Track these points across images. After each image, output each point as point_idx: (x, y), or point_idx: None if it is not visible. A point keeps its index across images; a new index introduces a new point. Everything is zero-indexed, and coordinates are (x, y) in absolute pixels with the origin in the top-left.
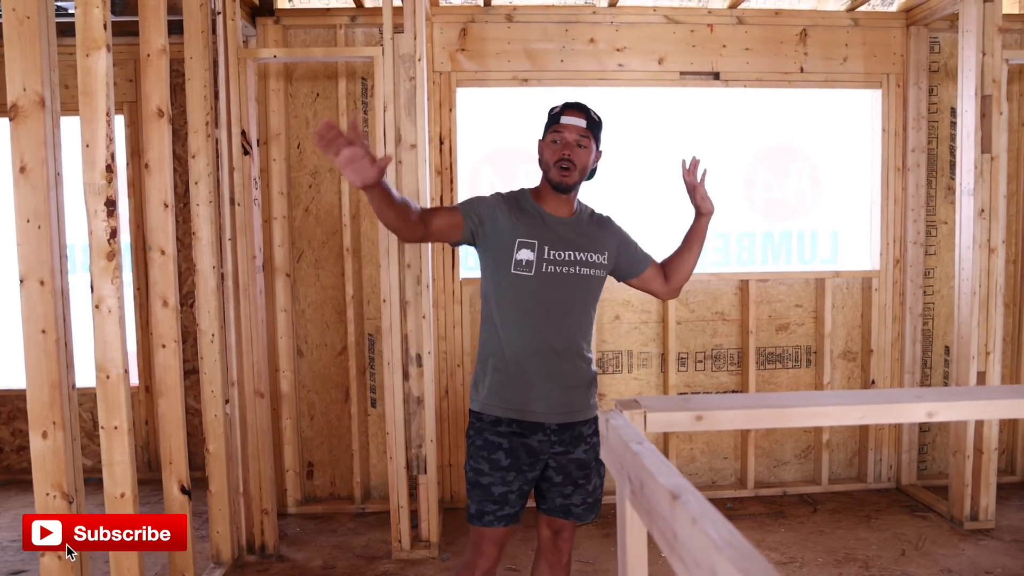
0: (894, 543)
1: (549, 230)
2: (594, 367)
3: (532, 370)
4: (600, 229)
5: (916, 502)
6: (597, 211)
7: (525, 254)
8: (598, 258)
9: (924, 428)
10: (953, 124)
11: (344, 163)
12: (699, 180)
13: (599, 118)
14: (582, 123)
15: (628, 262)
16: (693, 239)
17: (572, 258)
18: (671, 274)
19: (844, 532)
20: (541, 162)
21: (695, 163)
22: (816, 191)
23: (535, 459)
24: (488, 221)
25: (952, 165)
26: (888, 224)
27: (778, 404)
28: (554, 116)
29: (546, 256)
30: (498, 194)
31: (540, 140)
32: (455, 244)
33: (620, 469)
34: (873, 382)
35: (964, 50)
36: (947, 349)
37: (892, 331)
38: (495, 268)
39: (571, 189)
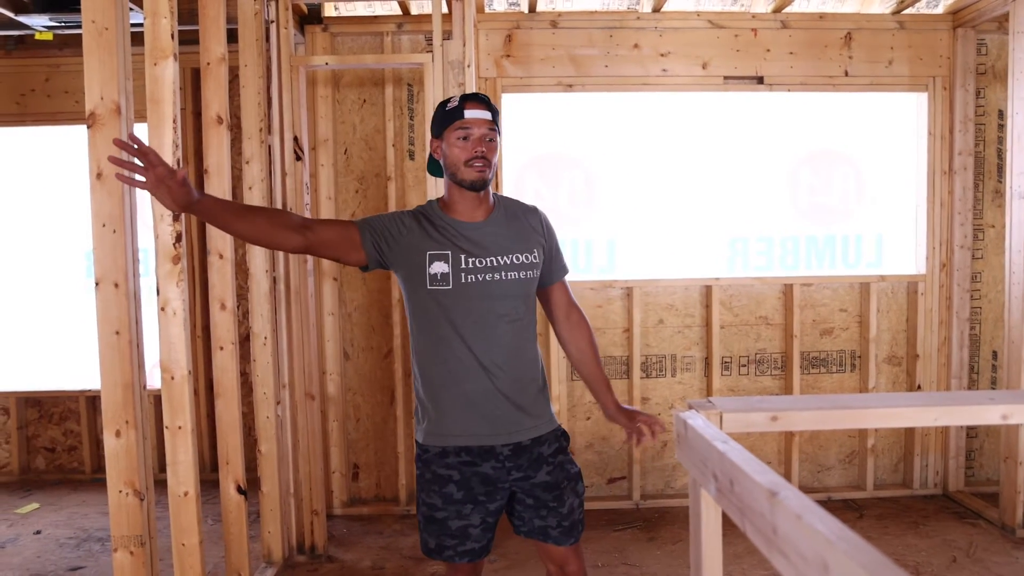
0: (944, 550)
1: (463, 238)
2: (542, 375)
3: (470, 391)
4: (527, 224)
5: (965, 509)
6: (524, 203)
7: (439, 267)
8: (527, 257)
9: (971, 434)
10: (1001, 127)
11: (154, 186)
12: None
13: (496, 109)
14: (487, 115)
15: (546, 268)
16: (592, 390)
17: (494, 263)
18: (565, 341)
19: (892, 538)
20: (446, 164)
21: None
22: (861, 195)
23: (492, 488)
24: (390, 236)
25: (1000, 168)
26: (934, 228)
27: (853, 405)
28: (454, 111)
29: (463, 265)
30: (404, 210)
31: (436, 139)
32: (364, 268)
33: (703, 467)
34: (919, 387)
35: (1015, 51)
36: (995, 354)
37: (938, 336)
38: (411, 288)
39: (486, 186)
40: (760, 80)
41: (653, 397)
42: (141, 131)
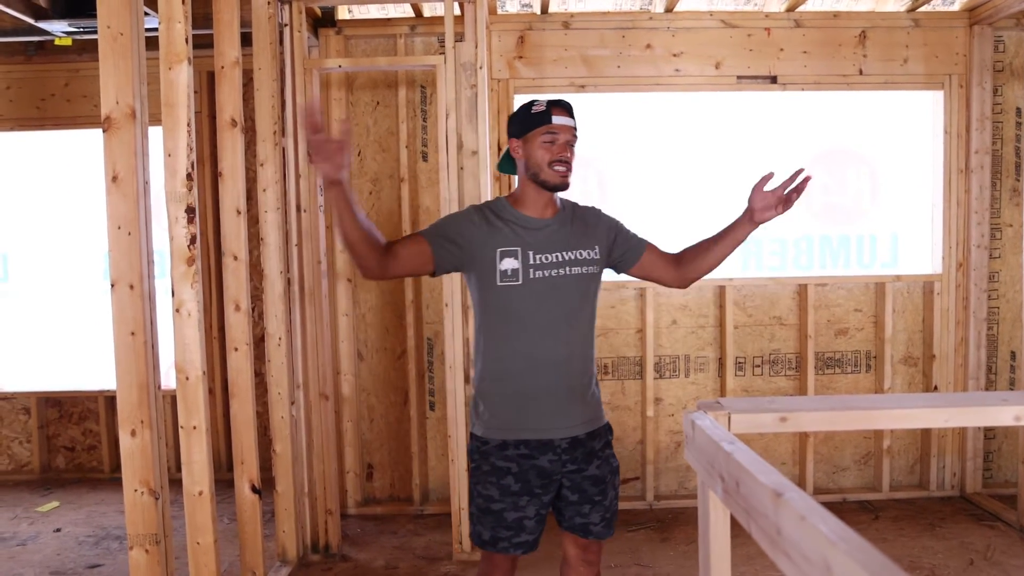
0: (961, 552)
1: (531, 234)
2: (595, 370)
3: (534, 385)
4: (588, 223)
5: (982, 511)
6: (582, 204)
7: (509, 263)
8: (588, 254)
9: (989, 435)
10: (1019, 124)
11: (320, 150)
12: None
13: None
14: (572, 123)
15: (622, 251)
16: (731, 240)
17: (560, 259)
18: (688, 263)
19: (908, 540)
20: (527, 163)
21: (805, 179)
22: (875, 194)
23: (547, 481)
24: (461, 238)
25: (1018, 167)
26: (951, 227)
27: (864, 406)
28: (541, 115)
29: (532, 262)
30: (471, 207)
31: (517, 139)
32: (433, 274)
33: (710, 469)
34: (935, 388)
35: None
36: (1013, 355)
37: (955, 336)
38: (480, 284)
39: (567, 188)
40: (773, 79)
41: (666, 398)
42: (156, 135)
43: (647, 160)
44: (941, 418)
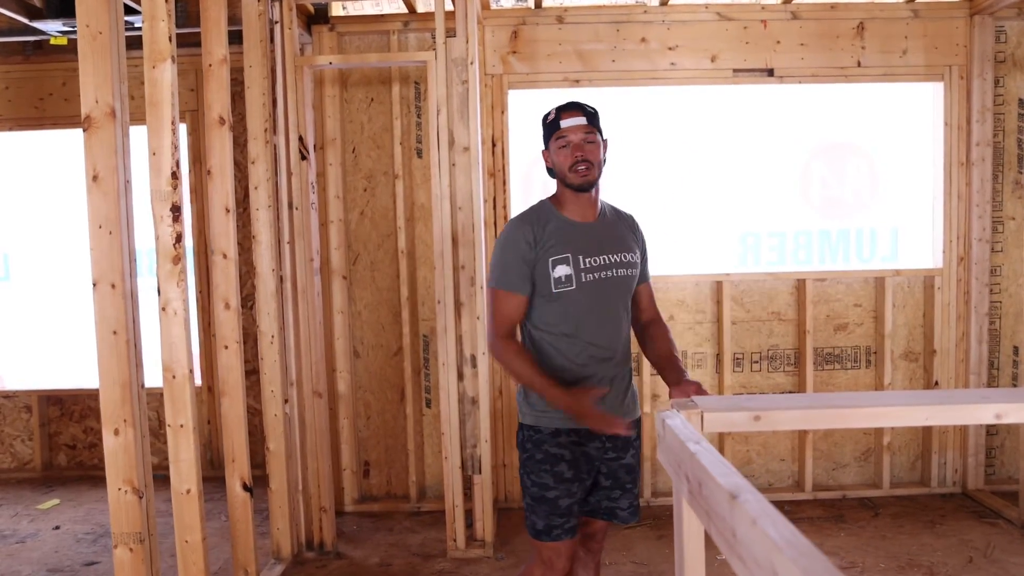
0: (960, 550)
1: (579, 237)
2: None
3: (587, 379)
4: (627, 228)
5: (984, 508)
6: (622, 209)
7: (562, 270)
8: (630, 257)
9: (992, 431)
10: (1021, 116)
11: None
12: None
13: (594, 110)
14: (582, 120)
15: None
16: (658, 370)
17: (607, 261)
18: (642, 335)
19: (907, 537)
20: (553, 171)
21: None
22: (875, 188)
23: (591, 467)
24: (527, 266)
25: (1020, 159)
26: (951, 221)
27: (838, 404)
28: (552, 123)
29: (582, 266)
30: (517, 226)
31: (544, 151)
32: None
33: (678, 469)
34: (936, 383)
35: None
36: (1016, 349)
37: (956, 331)
38: (537, 291)
39: (594, 186)
40: (770, 72)
41: (664, 394)
42: (139, 134)
43: (643, 155)
44: (920, 416)
